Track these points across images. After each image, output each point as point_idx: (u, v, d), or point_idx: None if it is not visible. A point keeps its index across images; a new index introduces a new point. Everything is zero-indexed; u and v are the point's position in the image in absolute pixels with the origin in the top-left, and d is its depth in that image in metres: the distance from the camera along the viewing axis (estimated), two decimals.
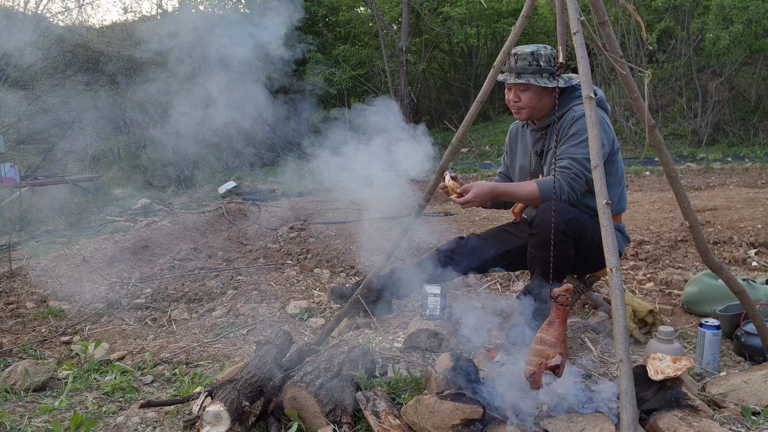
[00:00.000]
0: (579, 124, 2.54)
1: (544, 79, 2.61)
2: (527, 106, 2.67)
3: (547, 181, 2.55)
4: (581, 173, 2.50)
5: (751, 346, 2.44)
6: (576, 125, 2.56)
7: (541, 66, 2.61)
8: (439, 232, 5.32)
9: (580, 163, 2.50)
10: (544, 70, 2.61)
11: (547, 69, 2.61)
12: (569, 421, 1.77)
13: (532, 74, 2.61)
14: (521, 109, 2.70)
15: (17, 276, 4.22)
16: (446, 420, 1.78)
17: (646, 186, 8.18)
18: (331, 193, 8.18)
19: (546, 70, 2.61)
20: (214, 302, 3.61)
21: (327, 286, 3.90)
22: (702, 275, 3.12)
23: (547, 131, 2.75)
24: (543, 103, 2.68)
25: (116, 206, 7.69)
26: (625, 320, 1.53)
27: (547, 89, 2.64)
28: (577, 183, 2.51)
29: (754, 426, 1.92)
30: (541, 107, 2.69)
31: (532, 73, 2.61)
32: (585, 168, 2.50)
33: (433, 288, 2.78)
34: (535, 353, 1.82)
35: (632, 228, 5.00)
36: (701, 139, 13.10)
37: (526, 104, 2.67)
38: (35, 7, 15.90)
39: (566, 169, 2.52)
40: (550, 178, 2.54)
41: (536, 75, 2.61)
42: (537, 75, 2.61)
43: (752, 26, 11.74)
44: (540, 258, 2.49)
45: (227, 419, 1.80)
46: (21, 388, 2.40)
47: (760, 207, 5.31)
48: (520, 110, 2.71)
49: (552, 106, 2.69)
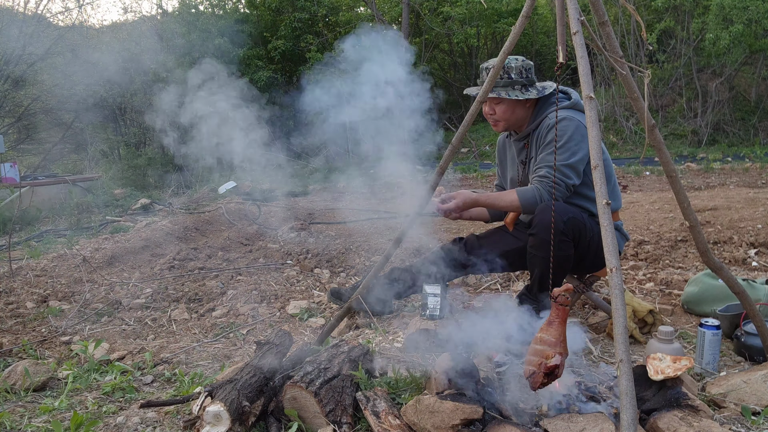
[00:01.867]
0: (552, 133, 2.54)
1: (516, 91, 2.62)
2: (502, 119, 2.70)
3: (526, 190, 2.56)
4: (560, 181, 2.50)
5: (751, 346, 2.44)
6: (552, 132, 2.56)
7: (513, 78, 2.61)
8: (439, 232, 5.32)
9: (559, 170, 2.50)
10: (516, 82, 2.62)
11: (518, 81, 2.62)
12: (569, 421, 1.77)
13: (504, 87, 2.62)
14: (497, 121, 2.73)
15: (17, 276, 4.22)
16: (446, 420, 1.78)
17: (646, 186, 8.18)
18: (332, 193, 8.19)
19: (518, 82, 2.62)
20: (214, 302, 3.61)
21: (327, 286, 3.90)
22: (702, 275, 3.12)
23: (528, 140, 2.76)
24: (518, 115, 2.70)
25: (116, 206, 7.69)
26: (625, 320, 1.53)
27: (521, 101, 2.65)
28: (557, 191, 2.50)
29: (754, 426, 1.92)
30: (516, 119, 2.71)
31: (504, 86, 2.62)
32: (564, 175, 2.51)
33: (433, 288, 2.78)
34: (534, 353, 1.82)
35: (632, 228, 5.00)
36: (701, 139, 13.11)
37: (501, 117, 2.69)
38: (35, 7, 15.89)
39: (545, 178, 2.53)
40: (530, 188, 2.56)
41: (507, 88, 2.62)
42: (509, 87, 2.62)
43: (752, 26, 11.74)
44: (539, 258, 2.49)
45: (227, 419, 1.80)
46: (21, 388, 2.40)
47: (760, 207, 5.31)
48: (496, 123, 2.75)
49: (528, 117, 2.71)
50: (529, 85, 2.65)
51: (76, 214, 7.24)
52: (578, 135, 2.53)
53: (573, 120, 2.55)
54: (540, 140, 2.65)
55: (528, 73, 2.65)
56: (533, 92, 2.64)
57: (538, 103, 2.72)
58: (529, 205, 2.54)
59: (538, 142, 2.66)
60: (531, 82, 2.66)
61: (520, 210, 2.59)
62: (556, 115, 2.25)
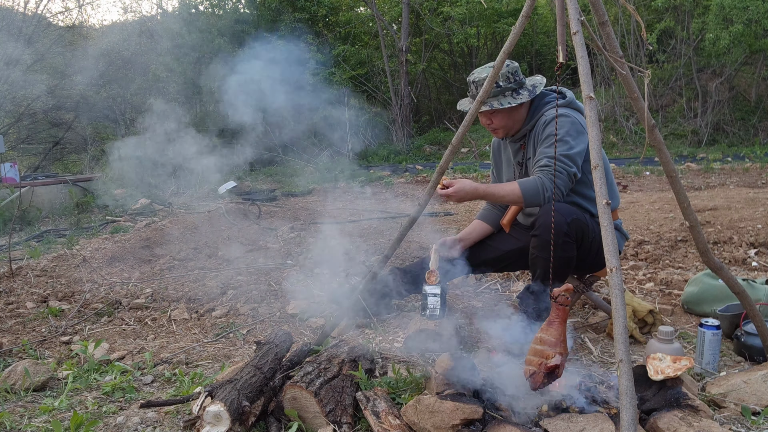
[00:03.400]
0: (551, 126, 2.55)
1: (508, 98, 2.62)
2: (501, 127, 2.72)
3: (528, 180, 2.53)
4: (562, 169, 2.48)
5: (751, 346, 2.44)
6: (549, 128, 2.57)
7: (501, 86, 2.61)
8: (439, 232, 5.32)
9: (559, 160, 2.48)
10: (505, 89, 2.62)
11: (507, 87, 2.62)
12: (569, 421, 1.77)
13: (495, 97, 2.62)
14: (496, 130, 2.75)
15: (17, 276, 4.22)
16: (446, 420, 1.78)
17: (646, 186, 8.18)
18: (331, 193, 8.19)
19: (507, 89, 2.62)
20: (214, 302, 3.60)
21: (327, 286, 3.90)
22: (702, 275, 3.12)
23: (524, 141, 2.77)
24: (515, 119, 2.71)
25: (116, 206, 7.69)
26: (625, 320, 1.53)
27: (515, 106, 2.66)
28: (559, 179, 2.47)
29: (754, 426, 1.92)
30: (514, 123, 2.72)
31: (494, 96, 2.62)
32: (565, 164, 2.49)
33: (433, 288, 2.78)
34: (534, 353, 1.82)
35: (632, 228, 5.00)
36: (701, 139, 13.11)
37: (500, 125, 2.71)
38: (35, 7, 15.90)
39: (546, 167, 2.51)
40: (532, 178, 2.53)
41: (498, 97, 2.62)
42: (499, 96, 2.62)
43: (752, 26, 11.74)
44: (542, 259, 2.49)
45: (227, 419, 1.80)
46: (21, 388, 2.40)
47: (760, 207, 5.31)
48: (496, 131, 2.77)
49: (526, 117, 2.72)
50: (519, 88, 2.65)
51: (76, 214, 7.24)
52: (574, 131, 2.53)
53: (569, 116, 2.57)
54: (537, 137, 2.65)
55: (515, 77, 2.64)
56: (525, 94, 2.64)
57: (533, 103, 2.72)
58: (531, 196, 2.48)
59: (536, 140, 2.66)
60: (520, 85, 2.65)
61: (522, 200, 2.51)
62: (556, 112, 2.26)
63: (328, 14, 17.03)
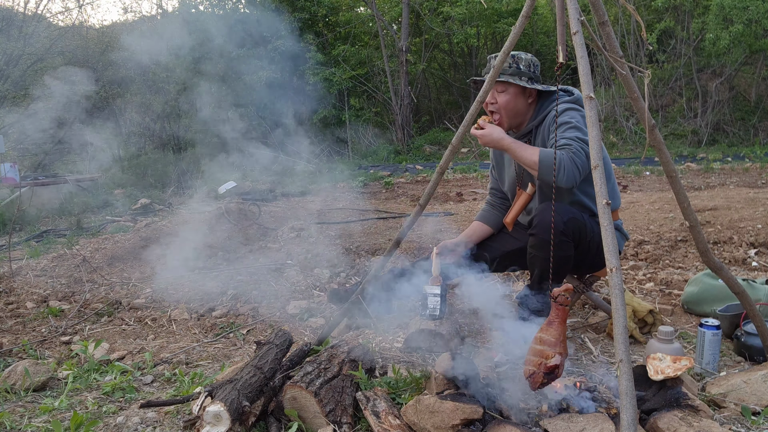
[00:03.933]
0: (563, 116, 2.55)
1: (523, 81, 2.63)
2: (502, 107, 2.70)
3: (549, 152, 2.46)
4: (581, 148, 2.43)
5: (751, 346, 2.44)
6: (563, 116, 2.56)
7: (521, 69, 2.64)
8: (440, 232, 5.31)
9: (578, 140, 2.45)
10: (524, 73, 2.64)
11: (526, 73, 2.64)
12: (569, 421, 1.77)
13: (512, 75, 2.63)
14: (495, 113, 2.73)
15: (17, 276, 4.22)
16: (446, 420, 1.78)
17: (646, 186, 8.18)
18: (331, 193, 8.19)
19: (525, 74, 2.64)
20: (214, 302, 3.61)
21: (327, 286, 3.90)
22: (702, 275, 3.12)
23: (529, 137, 2.76)
24: (518, 107, 2.70)
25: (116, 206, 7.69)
26: (625, 320, 1.53)
27: (524, 93, 2.68)
28: (578, 157, 2.41)
29: (754, 426, 1.92)
30: (516, 112, 2.71)
31: (512, 74, 2.63)
32: (584, 142, 2.45)
33: (433, 288, 2.77)
34: (534, 353, 1.82)
35: (632, 228, 5.00)
36: (701, 139, 13.11)
37: (502, 105, 2.70)
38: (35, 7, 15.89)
39: (567, 146, 2.44)
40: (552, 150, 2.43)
41: (515, 76, 2.63)
42: (516, 76, 2.63)
43: (752, 26, 11.74)
44: (539, 258, 2.49)
45: (227, 419, 1.80)
46: (21, 388, 2.40)
47: (760, 207, 5.31)
48: (493, 113, 2.75)
49: (527, 112, 2.72)
50: (534, 80, 2.68)
51: (76, 214, 7.24)
52: (584, 123, 2.53)
53: (580, 111, 2.57)
54: (548, 129, 2.65)
55: (536, 69, 2.69)
56: (538, 86, 2.67)
57: (540, 99, 2.72)
58: (545, 166, 2.44)
59: (545, 133, 2.66)
60: (537, 79, 2.68)
61: (537, 168, 2.47)
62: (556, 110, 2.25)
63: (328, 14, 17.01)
